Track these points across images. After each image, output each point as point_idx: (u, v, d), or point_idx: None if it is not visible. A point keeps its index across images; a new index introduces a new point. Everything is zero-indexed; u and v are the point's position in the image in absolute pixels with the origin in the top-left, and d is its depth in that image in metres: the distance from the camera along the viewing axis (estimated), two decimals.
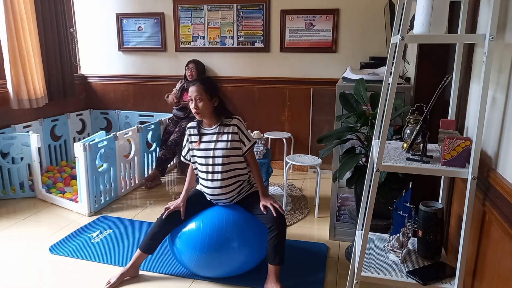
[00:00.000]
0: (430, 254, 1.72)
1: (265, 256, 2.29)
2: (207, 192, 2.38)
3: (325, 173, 4.04)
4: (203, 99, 2.25)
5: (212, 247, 2.22)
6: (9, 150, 3.54)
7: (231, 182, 2.33)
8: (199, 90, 2.25)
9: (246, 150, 2.35)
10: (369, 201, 1.60)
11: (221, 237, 2.23)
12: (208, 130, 2.36)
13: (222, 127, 2.32)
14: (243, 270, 2.37)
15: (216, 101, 2.31)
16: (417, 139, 1.61)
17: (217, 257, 2.24)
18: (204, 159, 2.34)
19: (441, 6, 1.45)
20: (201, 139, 2.36)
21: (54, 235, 2.96)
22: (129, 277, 2.40)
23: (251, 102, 4.52)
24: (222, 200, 2.37)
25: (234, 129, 2.31)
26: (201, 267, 2.31)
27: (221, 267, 2.30)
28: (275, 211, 2.24)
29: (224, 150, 2.29)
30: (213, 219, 2.30)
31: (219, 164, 2.30)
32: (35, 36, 3.93)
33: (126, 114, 4.87)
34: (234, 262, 2.28)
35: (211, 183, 2.33)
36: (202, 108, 2.26)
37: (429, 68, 2.42)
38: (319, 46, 4.23)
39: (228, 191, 2.34)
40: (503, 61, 1.44)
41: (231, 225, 2.28)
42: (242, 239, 2.28)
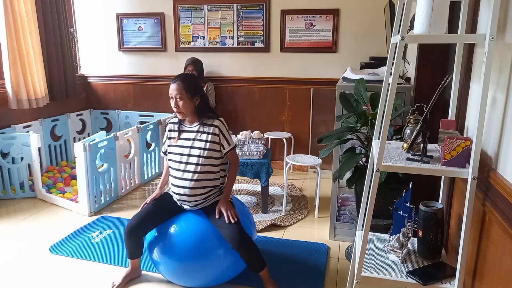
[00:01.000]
0: (430, 254, 1.72)
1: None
2: (174, 191, 2.29)
3: (325, 173, 4.04)
4: (183, 98, 2.19)
5: (188, 256, 2.15)
6: (9, 150, 3.54)
7: (200, 185, 2.23)
8: (179, 89, 2.18)
9: (225, 152, 2.28)
10: (369, 201, 1.60)
11: (198, 246, 2.16)
12: (189, 128, 2.30)
13: (202, 126, 2.26)
14: (226, 278, 2.29)
15: (197, 100, 2.24)
16: (417, 139, 1.61)
17: (193, 267, 2.17)
18: (179, 156, 2.27)
19: (441, 6, 1.45)
20: (180, 136, 2.30)
21: (54, 235, 2.96)
22: (133, 278, 2.40)
23: (251, 102, 4.52)
24: (187, 203, 2.27)
25: (215, 130, 2.25)
26: (179, 277, 2.25)
27: (200, 277, 2.22)
28: (227, 218, 2.14)
29: (201, 150, 2.23)
30: (189, 227, 2.21)
31: (193, 163, 2.22)
32: (36, 36, 3.93)
33: (126, 114, 4.87)
34: (214, 270, 2.20)
35: (180, 182, 2.24)
36: (182, 107, 2.21)
37: (429, 68, 2.42)
38: (319, 46, 4.23)
39: (195, 194, 2.24)
40: (503, 61, 1.44)
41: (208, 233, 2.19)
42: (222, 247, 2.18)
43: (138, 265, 2.41)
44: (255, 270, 2.20)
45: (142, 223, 2.23)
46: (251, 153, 3.27)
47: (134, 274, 2.41)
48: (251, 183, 4.07)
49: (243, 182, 4.13)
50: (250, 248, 2.13)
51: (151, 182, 4.12)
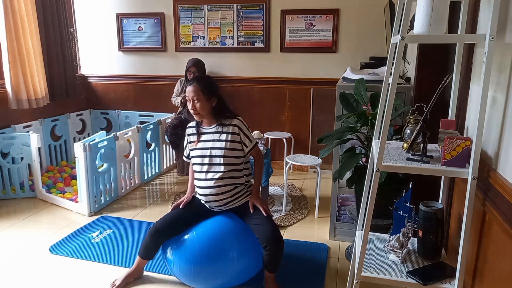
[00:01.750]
0: (430, 254, 1.72)
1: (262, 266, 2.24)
2: (201, 193, 2.31)
3: (325, 173, 4.04)
4: (201, 100, 2.21)
5: (204, 259, 2.14)
6: (9, 150, 3.54)
7: (226, 183, 2.25)
8: (196, 90, 2.20)
9: (248, 150, 2.30)
10: (369, 201, 1.60)
11: (213, 249, 2.15)
12: (207, 129, 2.31)
13: (221, 127, 2.28)
14: (239, 281, 2.27)
15: (214, 101, 2.26)
16: (417, 139, 1.61)
17: (208, 270, 2.16)
18: (200, 158, 2.29)
19: (441, 6, 1.45)
20: (200, 138, 2.31)
21: (54, 235, 2.96)
22: (134, 278, 2.40)
23: (251, 102, 4.52)
24: (215, 203, 2.28)
25: (234, 129, 2.26)
26: (192, 279, 2.22)
27: (213, 280, 2.21)
28: (265, 211, 2.20)
29: (222, 150, 2.24)
30: (206, 230, 2.21)
31: (215, 164, 2.24)
32: (36, 36, 3.93)
33: (126, 114, 4.87)
34: (227, 274, 2.19)
35: (205, 183, 2.26)
36: (199, 108, 2.22)
37: (429, 68, 2.42)
38: (319, 46, 4.23)
39: (222, 192, 2.25)
40: (503, 61, 1.44)
41: (225, 236, 2.19)
42: (237, 250, 2.18)
43: (142, 267, 2.41)
44: (271, 270, 2.20)
45: (170, 226, 2.23)
46: None
47: (136, 275, 2.40)
48: None
49: None
50: (279, 248, 2.15)
51: (151, 182, 4.12)
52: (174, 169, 4.54)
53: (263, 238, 2.12)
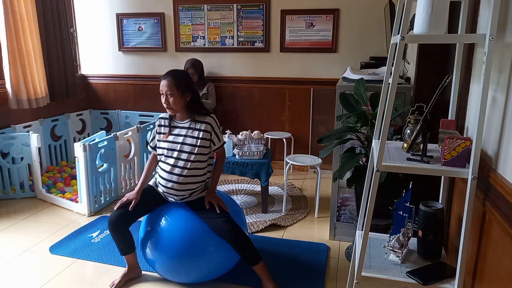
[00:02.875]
0: (430, 254, 1.72)
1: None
2: (162, 184, 2.31)
3: (325, 173, 4.04)
4: (174, 95, 2.20)
5: (181, 252, 2.16)
6: (9, 150, 3.54)
7: (189, 181, 2.26)
8: (170, 85, 2.20)
9: (215, 149, 2.32)
10: (369, 201, 1.60)
11: (191, 241, 2.16)
12: (179, 123, 2.31)
13: (194, 123, 2.27)
14: (222, 271, 2.31)
15: (188, 96, 2.24)
16: (417, 139, 1.61)
17: (186, 263, 2.18)
18: (170, 151, 2.28)
19: (441, 6, 1.45)
20: (171, 131, 2.31)
21: (54, 235, 2.96)
22: (133, 277, 2.40)
23: (251, 102, 4.52)
24: (173, 196, 2.29)
25: (207, 127, 2.26)
26: (173, 273, 2.25)
27: (193, 272, 2.23)
28: (218, 208, 2.18)
29: (192, 147, 2.24)
30: (179, 222, 2.23)
31: (183, 159, 2.24)
32: (36, 36, 3.93)
33: (126, 114, 4.87)
34: (208, 265, 2.21)
35: (169, 176, 2.26)
36: (172, 103, 2.22)
37: (429, 68, 2.42)
38: (319, 46, 4.23)
39: (183, 189, 2.26)
40: (503, 61, 1.44)
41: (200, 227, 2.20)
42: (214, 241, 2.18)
43: (135, 264, 2.40)
44: (249, 263, 2.20)
45: (124, 214, 2.24)
46: (251, 153, 3.26)
47: (133, 273, 2.40)
48: (251, 183, 4.07)
49: (243, 182, 4.13)
50: (240, 238, 2.14)
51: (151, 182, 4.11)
52: None
53: (219, 232, 2.14)
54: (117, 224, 2.24)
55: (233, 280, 2.38)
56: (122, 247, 2.31)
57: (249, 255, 2.18)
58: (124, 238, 2.28)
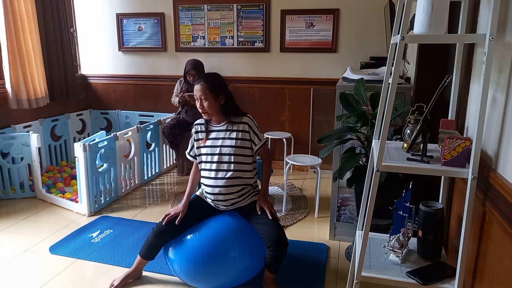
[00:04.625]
0: (430, 254, 1.72)
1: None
2: (208, 192, 2.27)
3: (325, 173, 4.04)
4: (208, 98, 2.17)
5: (206, 259, 2.13)
6: (9, 150, 3.54)
7: (235, 183, 2.23)
8: (203, 89, 2.17)
9: (257, 149, 2.28)
10: (369, 201, 1.60)
11: (215, 249, 2.14)
12: (216, 127, 2.28)
13: (231, 125, 2.24)
14: (241, 281, 2.26)
15: (222, 99, 2.21)
16: (417, 139, 1.61)
17: (210, 269, 2.16)
18: (209, 156, 2.25)
19: (441, 6, 1.45)
20: (208, 136, 2.27)
21: (54, 235, 2.96)
22: (133, 279, 2.39)
23: (251, 102, 4.52)
24: (222, 202, 2.26)
25: (244, 127, 2.23)
26: (193, 278, 2.22)
27: (215, 280, 2.20)
28: (271, 215, 2.16)
29: (232, 148, 2.20)
30: (208, 229, 2.21)
31: (225, 162, 2.21)
32: (36, 36, 3.93)
33: (126, 114, 4.87)
34: (229, 274, 2.18)
35: (213, 182, 2.23)
36: (207, 107, 2.18)
37: (429, 68, 2.42)
38: (319, 46, 4.23)
39: (230, 192, 2.23)
40: (503, 61, 1.44)
41: (226, 235, 2.18)
42: (238, 250, 2.17)
43: (142, 267, 2.40)
44: (272, 271, 2.19)
45: (172, 227, 2.20)
46: None
47: (135, 275, 2.39)
48: None
49: None
50: (282, 249, 2.13)
51: (151, 182, 4.12)
52: (174, 169, 4.54)
53: (268, 238, 2.11)
54: (161, 236, 2.22)
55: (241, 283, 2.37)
56: (147, 252, 2.28)
57: (277, 265, 2.18)
58: (157, 248, 2.27)
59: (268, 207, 2.20)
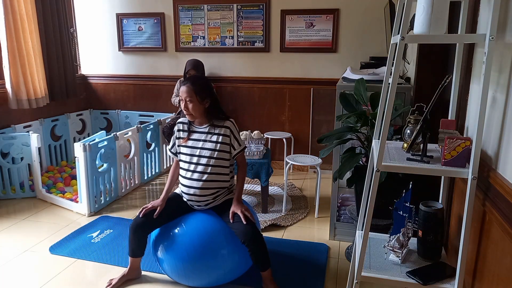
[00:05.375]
0: (430, 254, 1.72)
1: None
2: (184, 191, 2.30)
3: (325, 173, 4.04)
4: (193, 101, 2.20)
5: (194, 257, 2.14)
6: (9, 150, 3.54)
7: (210, 186, 2.25)
8: (189, 91, 2.20)
9: (235, 153, 2.30)
10: (369, 201, 1.60)
11: (203, 246, 2.15)
12: (199, 128, 2.31)
13: (213, 128, 2.28)
14: (231, 277, 2.28)
15: (207, 102, 2.24)
16: (417, 139, 1.61)
17: (199, 267, 2.16)
18: (188, 156, 2.28)
19: (441, 6, 1.45)
20: (190, 136, 2.31)
21: (54, 235, 2.96)
22: (131, 278, 2.39)
23: (251, 102, 4.52)
24: (197, 203, 2.28)
25: (226, 131, 2.26)
26: (184, 276, 2.23)
27: (206, 276, 2.21)
28: (245, 219, 2.13)
29: (211, 151, 2.24)
30: (195, 227, 2.21)
31: (203, 164, 2.24)
32: (36, 36, 3.93)
33: (126, 114, 4.87)
34: (218, 271, 2.20)
35: (190, 182, 2.26)
36: (192, 109, 2.21)
37: (429, 68, 2.42)
38: (319, 46, 4.23)
39: (205, 194, 2.25)
40: (503, 61, 1.44)
41: (214, 233, 2.19)
42: (226, 247, 2.18)
43: (137, 266, 2.40)
44: (260, 269, 2.20)
45: (147, 221, 2.23)
46: (251, 153, 3.27)
47: (133, 274, 2.39)
48: (251, 183, 4.07)
49: None
50: (260, 245, 2.14)
51: (151, 182, 4.12)
52: None
53: (240, 235, 2.13)
54: (138, 229, 2.23)
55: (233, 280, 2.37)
56: (134, 249, 2.30)
57: (262, 261, 2.18)
58: (139, 243, 2.28)
59: (242, 211, 2.18)
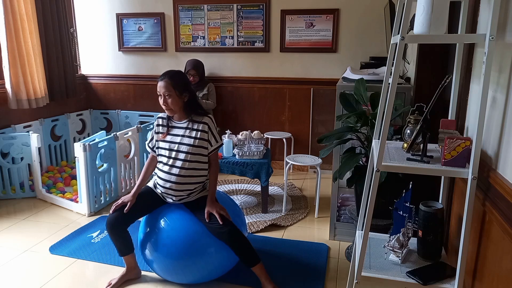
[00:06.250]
0: (430, 254, 1.72)
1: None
2: (160, 184, 2.30)
3: (325, 173, 4.04)
4: (172, 95, 2.20)
5: (180, 253, 2.16)
6: (9, 150, 3.54)
7: (187, 181, 2.25)
8: (167, 86, 2.20)
9: (211, 150, 2.29)
10: (369, 201, 1.60)
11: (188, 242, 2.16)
12: (177, 124, 2.32)
13: (191, 123, 2.28)
14: (221, 273, 2.30)
15: (186, 96, 2.24)
16: (417, 139, 1.61)
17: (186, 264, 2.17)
18: (167, 151, 2.28)
19: (441, 6, 1.45)
20: (169, 131, 2.31)
21: (54, 235, 2.96)
22: (131, 278, 2.39)
23: (251, 102, 4.52)
24: (171, 196, 2.29)
25: (204, 127, 2.26)
26: (170, 273, 2.25)
27: (193, 273, 2.22)
28: (220, 219, 2.12)
29: (189, 147, 2.24)
30: (180, 224, 2.22)
31: (181, 159, 2.24)
32: (36, 36, 3.93)
33: (126, 114, 4.87)
34: (208, 266, 2.21)
35: (167, 176, 2.26)
36: (171, 104, 2.22)
37: (429, 68, 2.42)
38: (319, 46, 4.23)
39: (181, 189, 2.26)
40: (503, 61, 1.44)
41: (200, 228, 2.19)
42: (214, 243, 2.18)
43: (134, 265, 2.39)
44: (247, 264, 2.20)
45: (120, 216, 2.23)
46: (251, 153, 3.26)
47: (132, 274, 2.39)
48: (251, 183, 4.07)
49: (243, 182, 4.13)
50: (240, 242, 2.13)
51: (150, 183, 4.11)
52: None
53: (218, 235, 2.13)
54: (113, 226, 2.23)
55: (233, 280, 2.38)
56: (120, 248, 2.31)
57: (247, 257, 2.18)
58: (122, 239, 2.28)
59: (217, 211, 2.16)
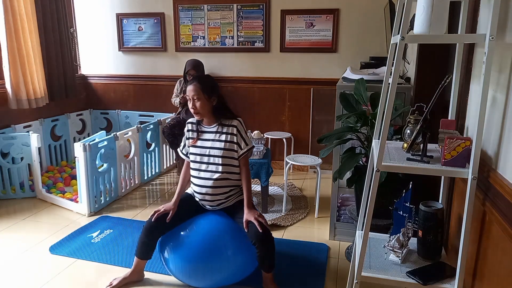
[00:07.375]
0: (430, 254, 1.72)
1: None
2: (196, 191, 2.32)
3: (325, 173, 4.04)
4: (201, 99, 2.21)
5: (201, 257, 2.15)
6: (9, 150, 3.54)
7: (222, 185, 2.26)
8: (196, 90, 2.21)
9: (241, 154, 2.27)
10: (369, 201, 1.60)
11: (209, 247, 2.16)
12: (207, 128, 2.31)
13: (221, 127, 2.28)
14: (236, 279, 2.27)
15: (214, 100, 2.26)
16: (417, 139, 1.61)
17: (205, 268, 2.17)
18: (199, 156, 2.29)
19: (441, 6, 1.45)
20: (199, 137, 2.32)
21: (54, 235, 2.96)
22: (133, 281, 2.36)
23: (251, 102, 4.52)
24: (209, 203, 2.30)
25: (233, 130, 2.26)
26: (189, 277, 2.23)
27: (211, 278, 2.21)
28: (260, 226, 2.11)
29: (221, 151, 2.24)
30: (202, 228, 2.22)
31: (213, 163, 2.25)
32: (36, 36, 3.93)
33: (126, 114, 4.87)
34: (224, 272, 2.19)
35: (201, 182, 2.27)
36: (199, 107, 2.22)
37: (429, 68, 2.42)
38: (319, 46, 4.23)
39: (217, 193, 2.27)
40: (503, 61, 1.44)
41: (222, 234, 2.20)
42: (232, 248, 2.19)
43: (141, 268, 2.38)
44: (266, 270, 2.20)
45: (161, 225, 2.22)
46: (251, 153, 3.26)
47: (135, 277, 2.37)
48: None
49: None
50: (268, 245, 2.14)
51: (151, 182, 4.12)
52: (174, 169, 4.54)
53: (252, 235, 2.13)
54: (151, 232, 2.23)
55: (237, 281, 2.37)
56: (142, 250, 2.29)
57: (269, 263, 2.18)
58: (151, 245, 2.27)
59: (256, 219, 2.15)
